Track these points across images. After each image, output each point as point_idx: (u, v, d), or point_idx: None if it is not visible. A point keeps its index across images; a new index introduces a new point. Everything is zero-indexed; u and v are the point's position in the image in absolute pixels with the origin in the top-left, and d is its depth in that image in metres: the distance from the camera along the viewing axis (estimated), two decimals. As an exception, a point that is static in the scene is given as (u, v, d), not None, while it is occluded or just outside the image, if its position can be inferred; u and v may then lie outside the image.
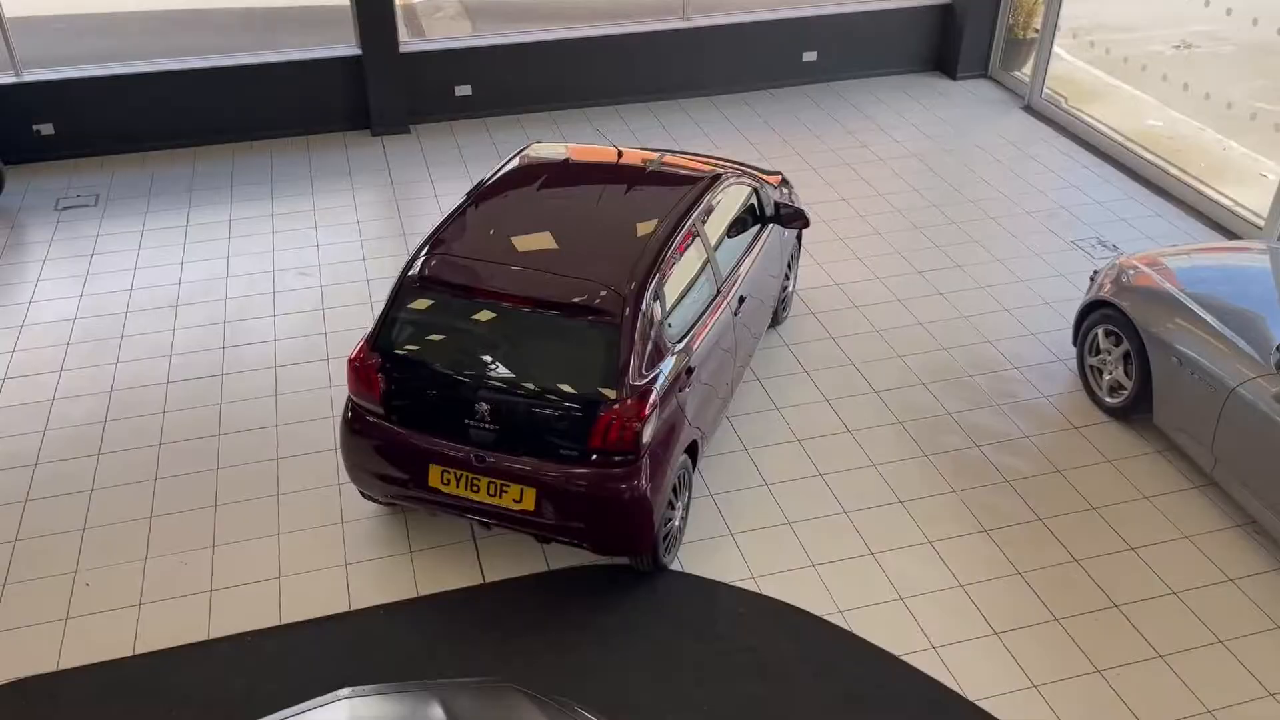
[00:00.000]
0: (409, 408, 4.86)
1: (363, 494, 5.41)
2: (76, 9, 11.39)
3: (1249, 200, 8.43)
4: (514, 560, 5.27)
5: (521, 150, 5.99)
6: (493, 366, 4.73)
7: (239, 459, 5.89)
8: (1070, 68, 10.96)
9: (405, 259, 7.57)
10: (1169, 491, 5.68)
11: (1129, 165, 9.12)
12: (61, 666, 4.71)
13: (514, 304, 4.75)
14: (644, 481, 4.66)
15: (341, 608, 5.02)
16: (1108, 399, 6.18)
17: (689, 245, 5.23)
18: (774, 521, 5.50)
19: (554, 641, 4.85)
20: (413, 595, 5.08)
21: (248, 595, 5.07)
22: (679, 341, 5.01)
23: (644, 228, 5.16)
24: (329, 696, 3.69)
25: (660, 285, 4.91)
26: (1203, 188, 8.56)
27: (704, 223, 5.42)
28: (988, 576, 5.18)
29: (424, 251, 5.05)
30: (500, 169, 5.73)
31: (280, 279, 7.47)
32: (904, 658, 4.78)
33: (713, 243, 5.49)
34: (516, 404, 4.67)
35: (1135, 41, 12.28)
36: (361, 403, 4.97)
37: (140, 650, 4.79)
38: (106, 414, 6.21)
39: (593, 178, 5.63)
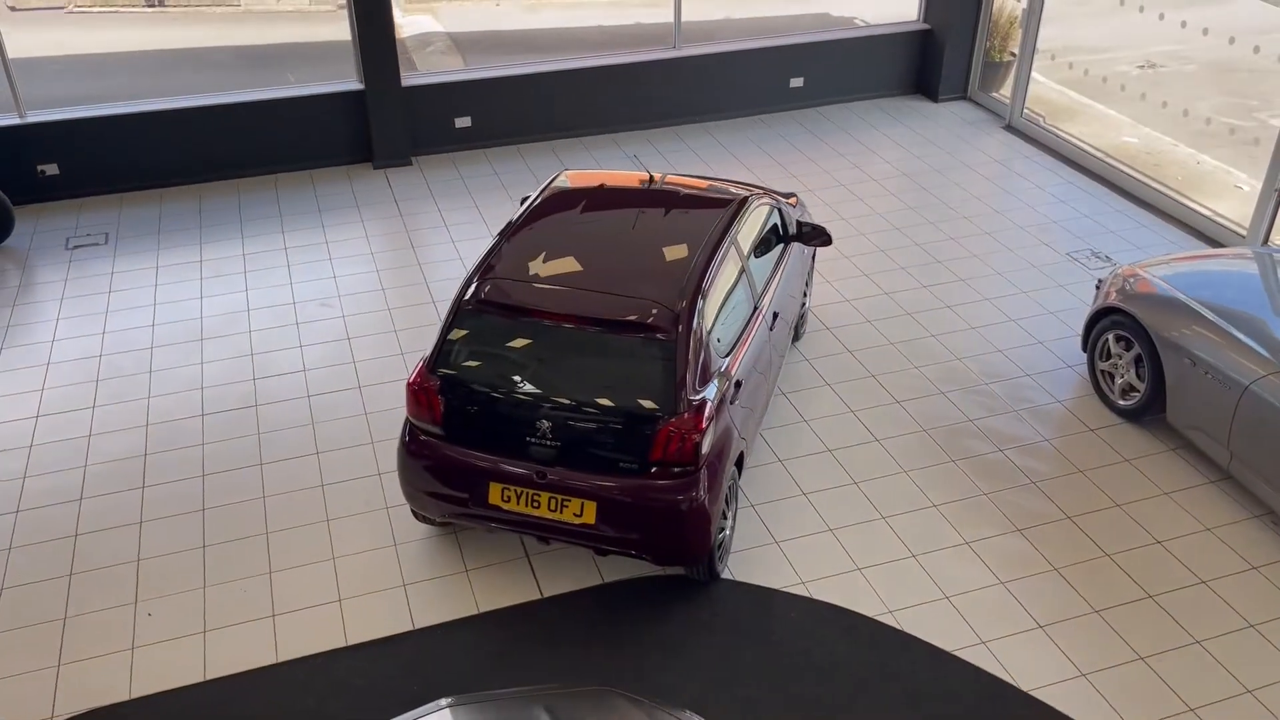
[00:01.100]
0: (468, 428, 4.99)
1: (417, 516, 5.53)
2: (70, 50, 11.45)
3: (1226, 210, 8.82)
4: (569, 574, 5.39)
5: (554, 178, 6.16)
6: (552, 385, 4.88)
7: (284, 487, 5.96)
8: (1043, 88, 11.38)
9: (424, 289, 7.73)
10: (1187, 487, 5.95)
11: (1111, 180, 9.49)
12: (134, 695, 4.76)
13: (570, 323, 4.91)
14: (702, 492, 4.83)
15: (405, 627, 5.11)
16: (1120, 401, 6.45)
17: (729, 264, 5.43)
18: (816, 529, 5.68)
19: (614, 651, 4.98)
20: (474, 612, 5.19)
21: (311, 618, 5.15)
22: (725, 356, 5.20)
23: (686, 247, 5.35)
24: (430, 706, 3.79)
25: (707, 302, 5.10)
26: (1184, 200, 8.94)
27: (739, 242, 5.63)
28: (1026, 573, 5.40)
29: (477, 275, 5.19)
30: (538, 196, 5.89)
31: (302, 310, 7.57)
32: (956, 653, 4.97)
33: (748, 261, 5.70)
34: (577, 420, 4.82)
35: (1102, 63, 12.76)
36: (421, 425, 5.09)
37: (211, 676, 4.85)
38: (146, 447, 6.25)
39: (629, 201, 5.82)
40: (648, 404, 4.78)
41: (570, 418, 4.83)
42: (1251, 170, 10.08)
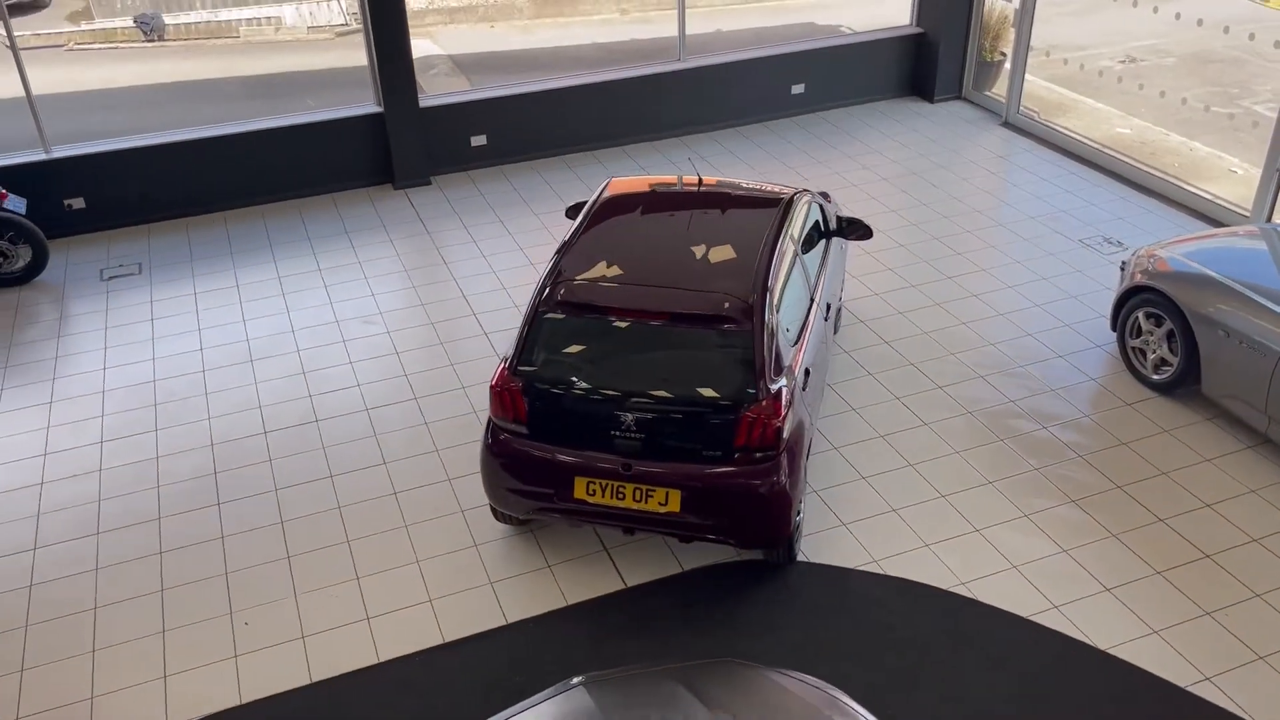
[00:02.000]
0: (552, 425, 5.15)
1: (497, 515, 5.68)
2: (76, 86, 11.54)
3: (1223, 193, 9.16)
4: (648, 565, 5.56)
5: (605, 185, 6.35)
6: (633, 379, 5.06)
7: (357, 497, 6.09)
8: (1032, 85, 11.72)
9: (462, 302, 7.90)
10: (1227, 453, 6.21)
11: (1112, 169, 9.82)
12: (245, 700, 4.87)
13: (647, 319, 5.10)
14: (784, 475, 5.02)
15: (498, 622, 5.26)
16: (1154, 376, 6.72)
17: (787, 258, 5.65)
18: (880, 510, 5.89)
19: (704, 634, 5.15)
20: (563, 605, 5.35)
21: (405, 619, 5.28)
22: (793, 346, 5.41)
23: (747, 243, 5.56)
24: (560, 685, 3.95)
25: (774, 294, 5.30)
26: (1184, 185, 9.27)
27: (794, 237, 5.85)
28: (1086, 541, 5.63)
29: (550, 280, 5.37)
30: (596, 201, 6.08)
31: (345, 328, 7.70)
32: (1031, 618, 5.18)
33: (801, 256, 5.91)
34: (660, 412, 5.00)
35: (1086, 59, 13.19)
36: (504, 425, 5.25)
37: (317, 678, 4.97)
38: (214, 466, 6.36)
39: (681, 203, 6.02)
40: (729, 393, 4.97)
41: (653, 410, 5.01)
42: (1243, 154, 10.47)
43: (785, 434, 5.02)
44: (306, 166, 9.66)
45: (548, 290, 5.31)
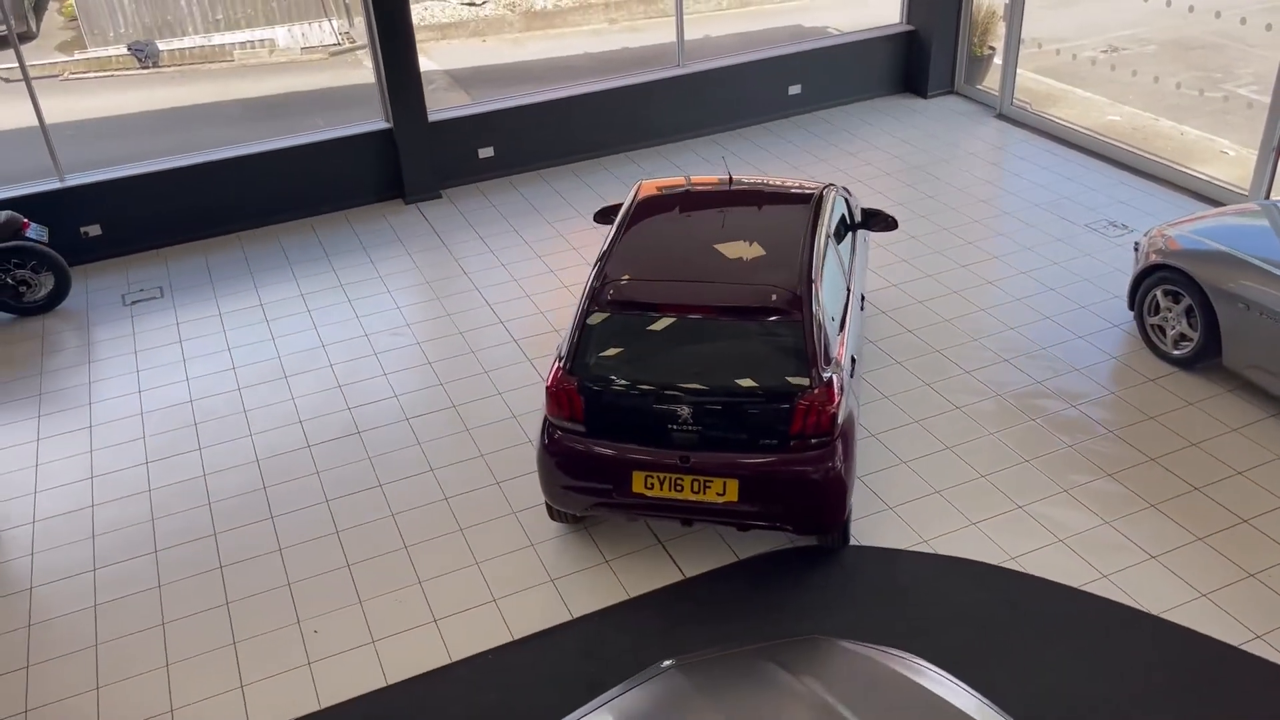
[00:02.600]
0: (609, 422, 5.27)
1: (553, 515, 5.79)
2: (76, 116, 11.56)
3: (1218, 174, 9.40)
4: (704, 555, 5.68)
5: (637, 187, 6.48)
6: (688, 373, 5.18)
7: (408, 504, 6.18)
8: (1020, 77, 11.94)
9: (487, 310, 8.00)
10: (1253, 422, 6.41)
11: (1108, 155, 10.05)
12: (324, 705, 4.95)
13: (698, 314, 5.23)
14: (839, 461, 5.16)
15: (564, 617, 5.36)
16: (1174, 351, 6.91)
17: (826, 250, 5.79)
18: (924, 492, 6.04)
19: (767, 619, 5.27)
20: (625, 597, 5.45)
21: (472, 619, 5.37)
22: (838, 334, 5.55)
23: (785, 236, 5.71)
24: (651, 670, 4.06)
25: (819, 284, 5.45)
26: (1180, 167, 9.51)
27: (829, 230, 5.99)
28: (1127, 511, 5.80)
29: (599, 280, 5.48)
30: (632, 203, 6.20)
31: (375, 341, 7.78)
32: (1083, 588, 5.34)
33: (836, 247, 6.06)
34: (716, 404, 5.13)
35: (1070, 50, 13.44)
36: (561, 424, 5.36)
37: (393, 680, 5.05)
38: (262, 481, 6.43)
39: (715, 201, 6.16)
40: (784, 382, 5.11)
41: (709, 402, 5.13)
42: (1233, 136, 10.73)
43: (839, 420, 5.16)
44: (318, 185, 9.73)
45: (598, 290, 5.42)
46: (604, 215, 7.11)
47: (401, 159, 9.80)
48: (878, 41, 11.59)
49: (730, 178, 6.43)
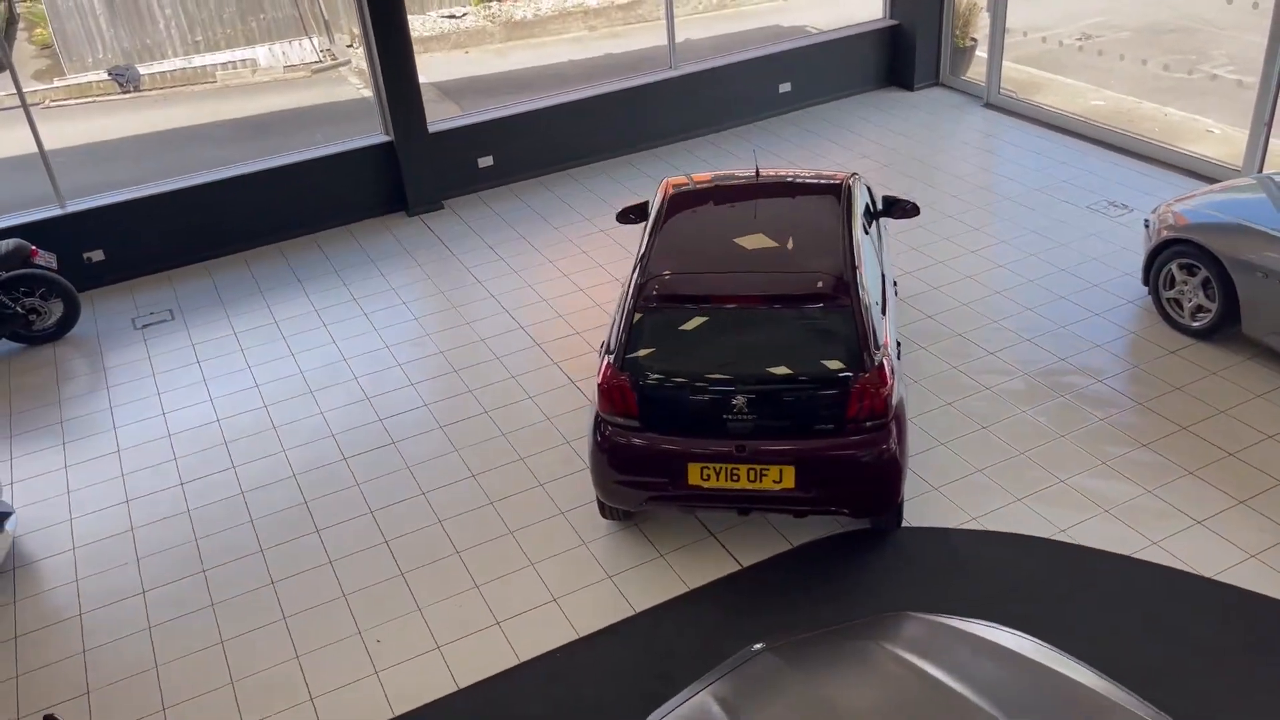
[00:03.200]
0: (663, 415, 5.30)
1: (605, 511, 5.81)
2: (63, 143, 11.43)
3: (1206, 152, 9.61)
4: (758, 544, 5.72)
5: (663, 184, 6.52)
6: (741, 362, 5.22)
7: (454, 511, 6.17)
8: (1004, 68, 12.14)
9: (507, 317, 8.00)
10: (1275, 387, 6.56)
11: (1099, 138, 10.24)
12: (397, 712, 4.93)
13: (747, 303, 5.28)
14: (894, 442, 5.23)
15: (627, 612, 5.38)
16: (1192, 323, 7.06)
17: (863, 236, 5.87)
18: (965, 471, 6.12)
19: (831, 603, 5.32)
20: (685, 590, 5.48)
21: (535, 620, 5.37)
22: (881, 318, 5.62)
23: (820, 224, 5.78)
24: (741, 655, 4.09)
25: (861, 271, 5.52)
26: (1171, 147, 9.71)
27: (860, 217, 6.07)
28: (1167, 480, 5.91)
29: (643, 276, 5.51)
30: (664, 200, 6.24)
31: (397, 352, 7.76)
32: (1134, 555, 5.44)
33: (865, 235, 6.14)
34: (771, 392, 5.17)
35: (1048, 39, 13.68)
36: (614, 420, 5.38)
37: (464, 684, 5.04)
38: (302, 496, 6.39)
39: (746, 194, 6.22)
40: (837, 366, 5.17)
41: (764, 391, 5.17)
42: (1215, 115, 10.98)
43: (893, 402, 5.22)
44: (320, 201, 9.69)
45: (643, 286, 5.45)
46: (626, 215, 7.14)
47: (403, 171, 9.78)
48: (863, 37, 11.73)
49: (757, 170, 6.49)
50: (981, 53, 12.07)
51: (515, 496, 6.24)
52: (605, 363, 5.43)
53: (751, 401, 5.19)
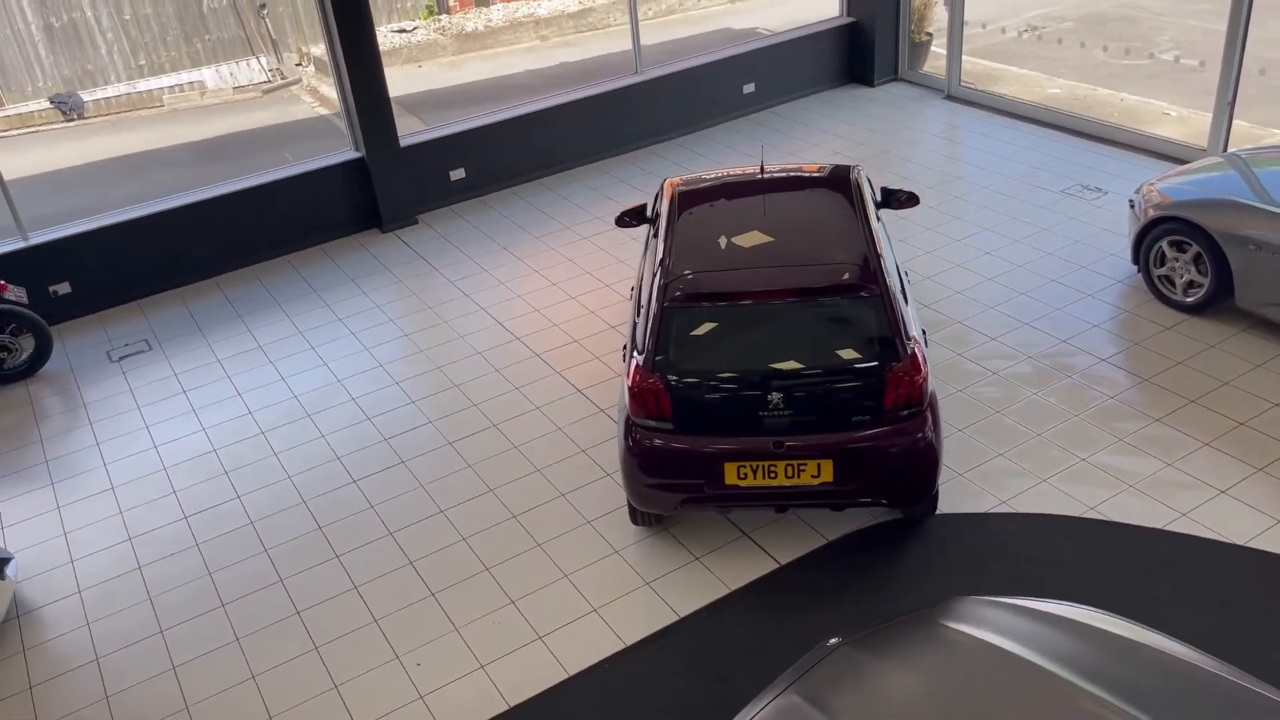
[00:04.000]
0: (698, 415, 5.23)
1: (636, 517, 5.72)
2: (17, 173, 11.00)
3: (1167, 133, 9.85)
4: (792, 541, 5.68)
5: (665, 185, 6.45)
6: (775, 357, 5.18)
7: (477, 527, 6.03)
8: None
9: (500, 330, 7.87)
10: (1275, 356, 6.70)
11: (1063, 125, 10.42)
12: (451, 736, 4.78)
13: (776, 298, 5.24)
14: (930, 430, 5.22)
15: (671, 618, 5.29)
16: (1186, 299, 7.19)
17: (878, 227, 5.87)
18: (986, 456, 6.14)
19: (875, 594, 5.30)
20: (726, 591, 5.41)
21: (577, 631, 5.26)
22: (905, 307, 5.62)
23: (834, 216, 5.77)
24: (818, 651, 4.03)
25: (885, 260, 5.52)
26: (1134, 129, 9.92)
27: (870, 208, 6.07)
28: (1185, 452, 6.00)
29: (666, 278, 5.44)
30: (673, 200, 6.17)
31: (392, 370, 7.58)
32: (1166, 528, 5.50)
33: (880, 223, 6.15)
34: (807, 386, 5.13)
35: (991, 33, 13.93)
36: (646, 423, 5.29)
37: (515, 702, 4.91)
38: (316, 521, 6.20)
39: (754, 189, 6.19)
40: (872, 356, 5.15)
41: (800, 385, 5.13)
42: (1168, 98, 11.25)
43: (928, 389, 5.22)
44: (291, 221, 9.46)
45: (668, 286, 5.38)
46: (625, 219, 7.07)
47: (376, 187, 9.59)
48: (822, 35, 11.82)
49: (762, 166, 6.46)
50: (937, 47, 12.25)
51: (538, 509, 6.11)
52: (633, 365, 5.35)
53: (788, 397, 5.14)
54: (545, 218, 9.68)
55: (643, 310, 5.65)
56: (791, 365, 5.16)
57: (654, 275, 5.57)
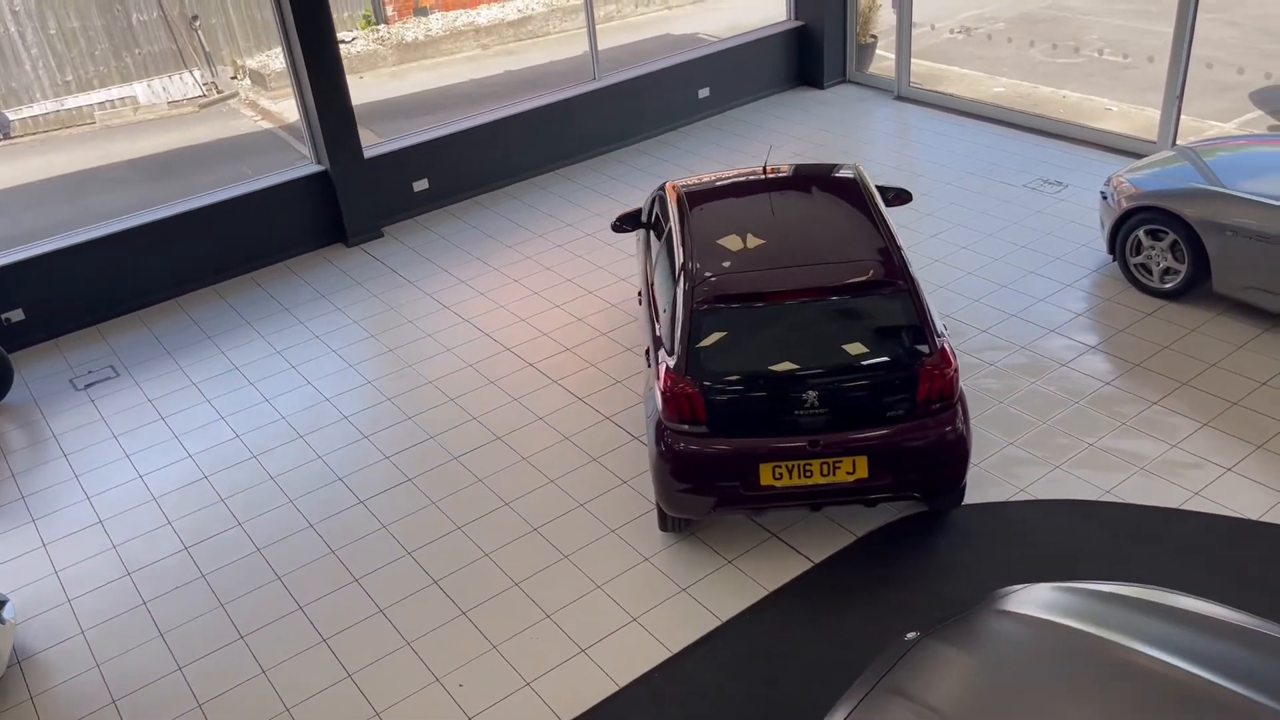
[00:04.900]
0: (734, 417, 5.20)
1: (665, 523, 5.67)
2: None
3: (1113, 127, 10.20)
4: (822, 540, 5.69)
5: (671, 189, 6.41)
6: (808, 356, 5.18)
7: (498, 542, 5.90)
8: (892, 63, 12.52)
9: (488, 340, 7.75)
10: (1253, 337, 6.96)
11: (1013, 122, 10.69)
12: (508, 757, 4.66)
13: (805, 296, 5.24)
14: (960, 422, 5.28)
15: (714, 622, 5.25)
16: (1163, 285, 7.42)
17: (892, 223, 5.92)
18: (998, 446, 6.25)
19: (912, 587, 5.33)
20: (764, 593, 5.39)
21: (620, 642, 5.18)
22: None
23: (850, 213, 5.81)
24: (898, 646, 4.03)
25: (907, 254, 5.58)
26: (1084, 124, 10.23)
27: (881, 202, 6.12)
28: (1187, 433, 6.19)
29: (691, 278, 5.40)
30: (678, 203, 6.13)
31: (385, 386, 7.39)
32: (1183, 507, 5.66)
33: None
34: (842, 383, 5.15)
35: (926, 34, 14.23)
36: (680, 427, 5.25)
37: (569, 717, 4.81)
38: (326, 545, 6.00)
39: (761, 189, 6.20)
40: (904, 350, 5.19)
41: (835, 381, 5.15)
42: (1108, 94, 11.63)
43: (958, 382, 5.28)
44: (252, 238, 9.16)
45: (695, 289, 5.35)
46: (621, 225, 7.02)
47: (340, 200, 9.35)
48: (772, 39, 11.93)
49: (765, 166, 6.48)
50: (882, 50, 12.47)
51: (558, 520, 6.01)
52: (664, 370, 5.30)
53: (823, 395, 5.15)
54: (515, 226, 9.56)
55: (664, 314, 5.61)
56: (826, 363, 5.17)
57: (677, 278, 5.52)
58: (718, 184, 6.37)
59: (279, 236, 9.27)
